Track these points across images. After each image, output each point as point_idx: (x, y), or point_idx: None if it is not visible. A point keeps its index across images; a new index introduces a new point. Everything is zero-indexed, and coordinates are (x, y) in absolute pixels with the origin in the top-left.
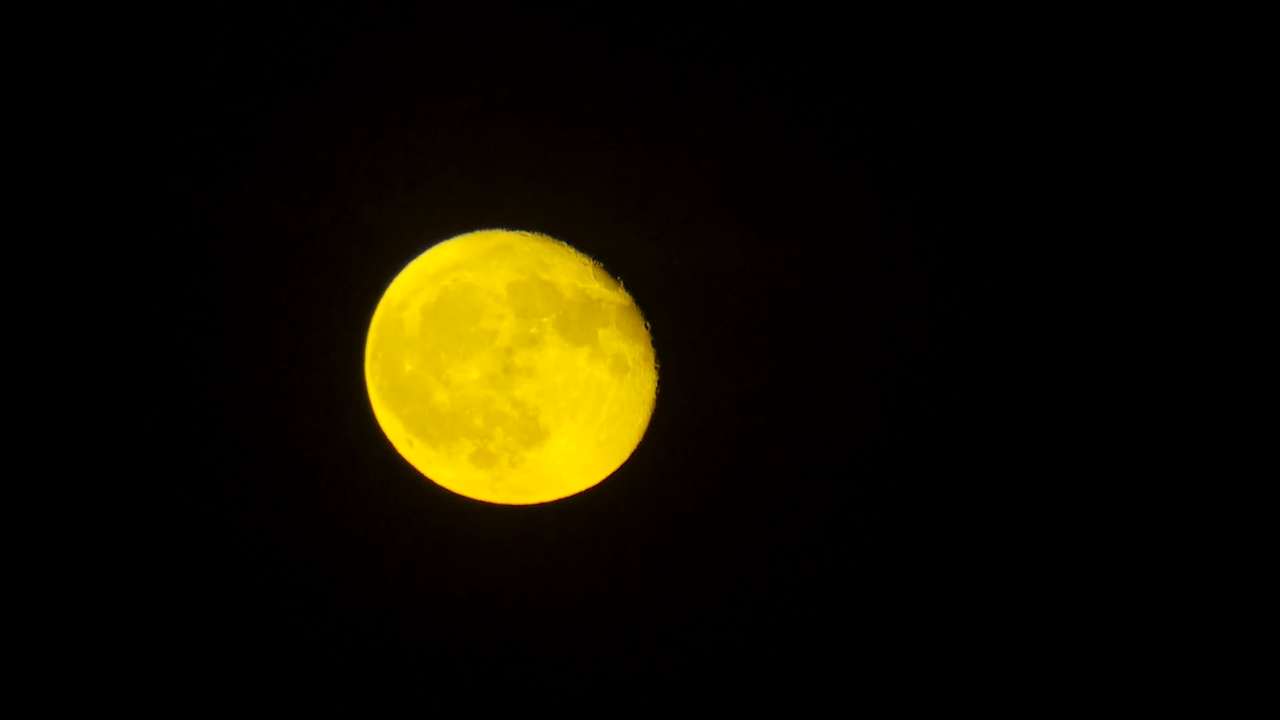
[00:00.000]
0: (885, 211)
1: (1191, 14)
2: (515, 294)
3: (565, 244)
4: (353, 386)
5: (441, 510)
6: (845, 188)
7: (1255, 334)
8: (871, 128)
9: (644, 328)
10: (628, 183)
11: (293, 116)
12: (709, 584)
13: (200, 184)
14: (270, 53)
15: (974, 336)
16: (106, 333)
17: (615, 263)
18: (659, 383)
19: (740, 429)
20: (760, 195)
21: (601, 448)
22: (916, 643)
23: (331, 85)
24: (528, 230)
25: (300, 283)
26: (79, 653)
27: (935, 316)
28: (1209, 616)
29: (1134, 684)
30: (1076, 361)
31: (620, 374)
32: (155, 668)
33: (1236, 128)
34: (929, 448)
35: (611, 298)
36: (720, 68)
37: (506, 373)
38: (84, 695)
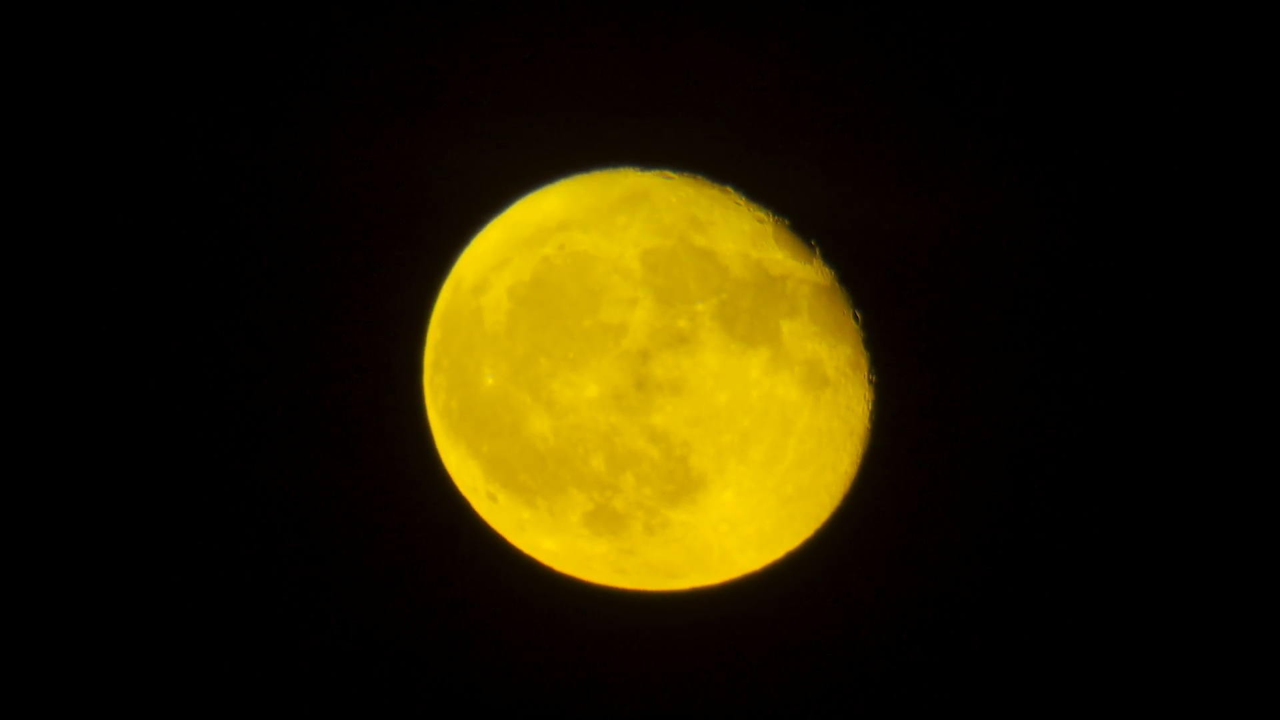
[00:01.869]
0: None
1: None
2: (654, 268)
3: (730, 190)
4: (405, 411)
5: (541, 600)
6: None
7: None
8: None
9: (853, 319)
10: (827, 103)
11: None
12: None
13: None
14: None
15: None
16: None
17: (808, 220)
18: (876, 404)
19: (1000, 472)
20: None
21: (787, 506)
22: None
23: None
24: (672, 169)
25: (325, 255)
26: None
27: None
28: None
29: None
30: None
31: (817, 390)
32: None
33: None
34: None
35: (803, 274)
36: None
37: (641, 389)
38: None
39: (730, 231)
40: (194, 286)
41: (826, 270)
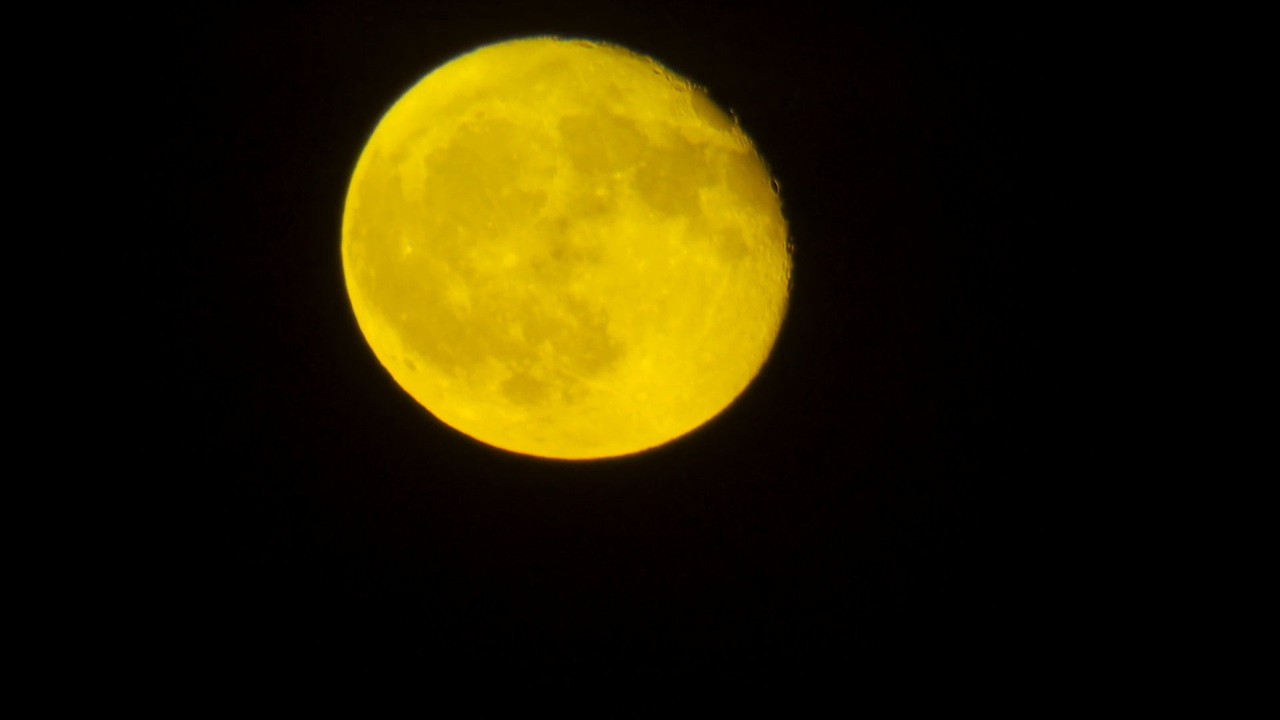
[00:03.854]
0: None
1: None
2: (573, 136)
3: (649, 59)
4: (323, 278)
5: (459, 468)
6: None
7: None
8: None
9: (771, 188)
10: None
11: None
12: (856, 588)
13: None
14: None
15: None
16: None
17: (726, 88)
18: (794, 272)
19: (915, 341)
20: None
21: (705, 374)
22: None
23: None
24: (591, 39)
25: (244, 123)
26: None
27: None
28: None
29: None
30: None
31: (735, 259)
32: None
33: None
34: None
35: (721, 142)
36: None
37: (559, 258)
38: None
39: (649, 100)
40: (108, 159)
41: (745, 138)
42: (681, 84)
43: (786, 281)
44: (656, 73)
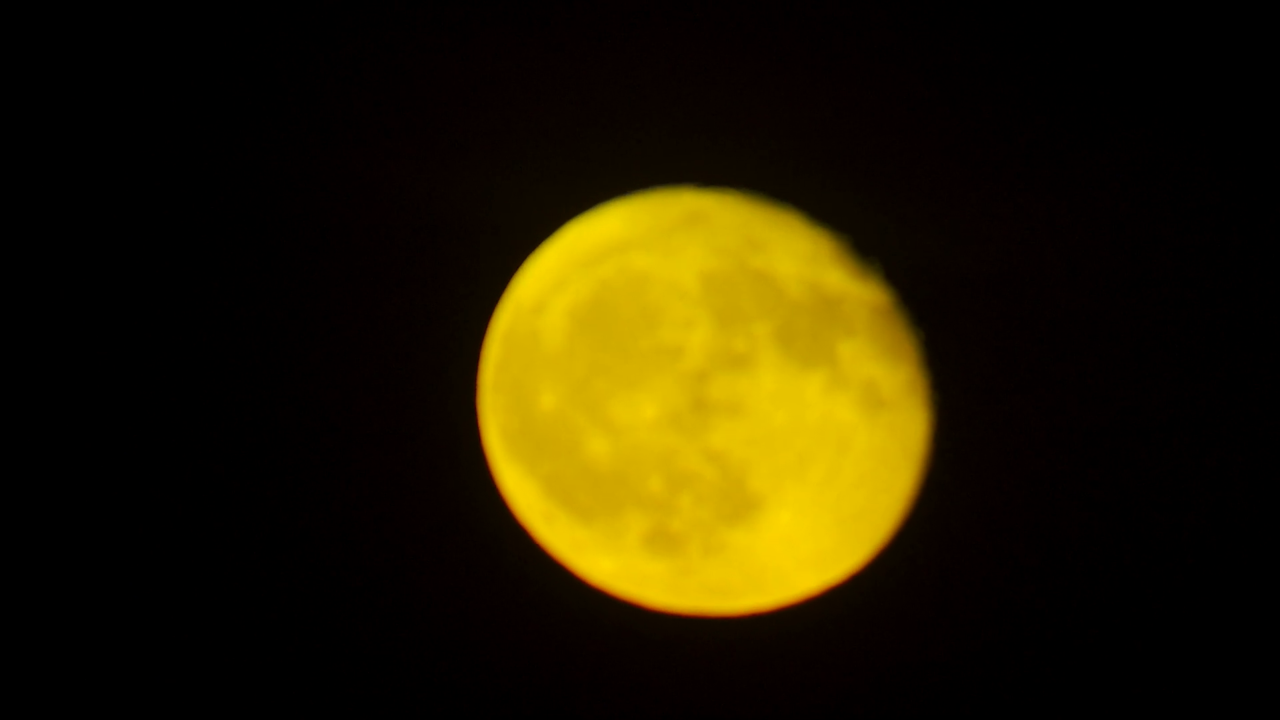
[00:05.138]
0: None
1: None
2: (712, 289)
3: (789, 210)
4: (463, 430)
5: (598, 620)
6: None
7: None
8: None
9: (911, 341)
10: (887, 124)
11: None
12: None
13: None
14: None
15: None
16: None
17: (867, 241)
18: (935, 426)
19: (1061, 496)
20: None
21: (844, 526)
22: None
23: None
24: (731, 189)
25: (386, 275)
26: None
27: None
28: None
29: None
30: None
31: (874, 411)
32: None
33: None
34: None
35: (861, 294)
36: None
37: (699, 410)
38: None
39: (788, 252)
40: (255, 309)
41: (885, 291)
42: (821, 236)
43: (926, 435)
44: (796, 225)
